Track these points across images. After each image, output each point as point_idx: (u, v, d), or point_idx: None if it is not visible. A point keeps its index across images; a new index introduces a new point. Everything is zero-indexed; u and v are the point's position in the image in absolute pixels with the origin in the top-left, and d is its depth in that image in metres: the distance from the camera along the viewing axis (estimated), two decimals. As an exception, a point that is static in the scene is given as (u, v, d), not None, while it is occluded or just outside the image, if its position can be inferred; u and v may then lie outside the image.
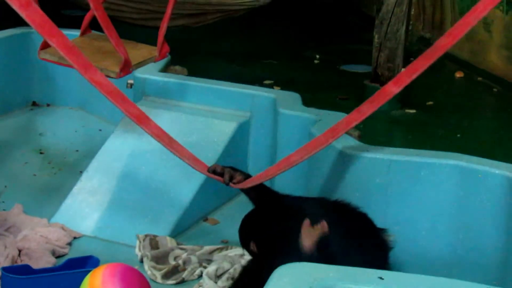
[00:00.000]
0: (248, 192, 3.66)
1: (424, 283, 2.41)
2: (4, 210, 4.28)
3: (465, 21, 3.15)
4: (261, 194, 3.63)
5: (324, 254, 3.12)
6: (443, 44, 3.27)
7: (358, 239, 3.40)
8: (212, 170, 3.63)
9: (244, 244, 3.47)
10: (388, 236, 3.50)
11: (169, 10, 4.17)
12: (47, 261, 3.76)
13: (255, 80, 5.69)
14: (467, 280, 2.48)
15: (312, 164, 4.11)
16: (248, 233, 3.47)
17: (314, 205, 3.53)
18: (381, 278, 2.43)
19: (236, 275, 3.66)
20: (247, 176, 3.62)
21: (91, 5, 3.79)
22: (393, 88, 3.47)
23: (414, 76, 3.40)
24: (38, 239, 3.93)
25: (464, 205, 3.63)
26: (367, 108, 3.51)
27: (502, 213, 3.54)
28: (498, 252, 3.54)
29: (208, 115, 4.66)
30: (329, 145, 3.89)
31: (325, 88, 6.28)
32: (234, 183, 3.58)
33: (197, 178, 4.26)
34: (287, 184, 3.84)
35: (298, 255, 3.12)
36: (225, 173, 3.57)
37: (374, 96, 3.54)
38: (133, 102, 3.72)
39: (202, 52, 7.26)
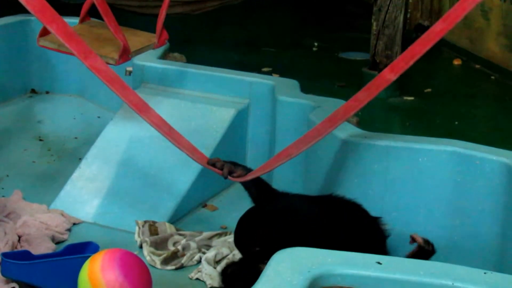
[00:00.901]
0: (248, 187, 3.66)
1: (421, 268, 2.42)
2: (3, 196, 4.29)
3: (461, 6, 3.12)
4: (260, 191, 3.63)
5: None
6: (439, 29, 3.23)
7: (355, 231, 3.41)
8: (212, 164, 3.61)
9: (243, 247, 3.44)
10: (384, 225, 3.51)
11: (168, -2, 4.17)
12: (47, 247, 3.77)
13: (253, 68, 5.71)
14: (464, 265, 2.49)
15: (310, 151, 4.11)
16: (249, 238, 3.45)
17: (309, 204, 3.52)
18: (379, 263, 2.44)
19: (236, 260, 3.68)
20: (248, 171, 3.60)
21: (90, -8, 3.79)
22: (389, 75, 3.44)
23: (410, 63, 3.36)
24: (37, 225, 3.94)
25: (461, 191, 3.65)
26: (364, 96, 3.48)
27: (499, 199, 3.55)
28: (495, 237, 3.56)
29: (207, 102, 4.66)
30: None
31: (323, 76, 6.29)
32: (233, 177, 3.57)
33: (196, 165, 4.25)
34: (285, 170, 3.85)
35: None
36: (225, 168, 3.56)
37: (370, 83, 3.51)
38: (133, 89, 3.70)
39: (200, 40, 7.26)
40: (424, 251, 3.45)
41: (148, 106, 3.62)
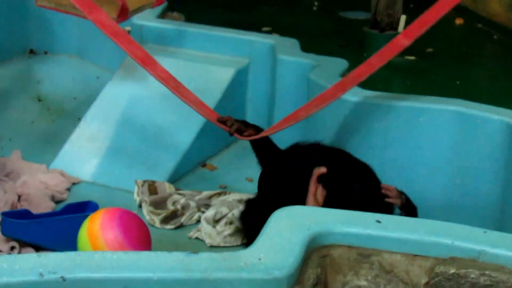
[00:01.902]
0: (256, 147, 3.63)
1: (421, 227, 2.42)
2: (3, 156, 4.28)
3: None
4: (267, 151, 3.61)
5: None
6: None
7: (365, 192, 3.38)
8: (222, 121, 3.56)
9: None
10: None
11: (166, -45, 4.13)
12: (47, 206, 3.78)
13: (253, 27, 5.65)
14: (464, 224, 2.49)
15: (310, 110, 4.10)
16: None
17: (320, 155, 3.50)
18: (378, 221, 2.44)
19: (235, 219, 3.69)
20: (260, 131, 3.55)
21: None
22: (403, 41, 3.45)
23: (425, 28, 3.38)
24: (37, 184, 3.93)
25: (462, 151, 3.64)
26: (377, 61, 3.47)
27: (500, 159, 3.54)
28: (495, 197, 3.56)
29: (206, 62, 4.64)
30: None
31: (323, 35, 6.25)
32: (242, 136, 3.53)
33: (196, 124, 4.26)
34: (285, 130, 3.82)
35: None
36: (234, 125, 3.51)
37: (384, 48, 3.51)
38: (138, 43, 3.66)
39: (199, -2, 7.20)
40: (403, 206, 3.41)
41: (154, 60, 3.58)
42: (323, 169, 3.14)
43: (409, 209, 3.35)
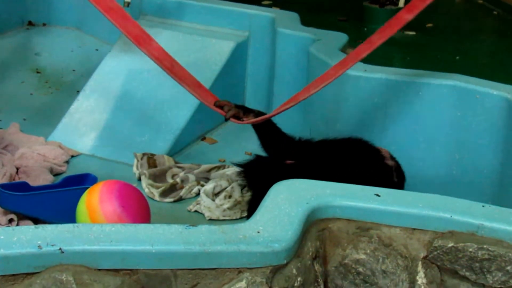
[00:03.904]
0: (259, 132, 3.58)
1: (420, 201, 2.42)
2: (1, 128, 4.27)
3: None
4: (271, 137, 3.57)
5: None
6: None
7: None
8: (220, 106, 3.46)
9: None
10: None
11: None
12: (45, 179, 3.77)
13: (253, 1, 5.64)
14: (463, 199, 2.49)
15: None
16: None
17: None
18: (377, 195, 2.44)
19: (234, 193, 3.69)
20: (260, 115, 3.47)
21: None
22: (406, 15, 3.42)
23: (428, 2, 3.35)
24: (35, 157, 3.93)
25: (461, 126, 3.64)
26: (377, 38, 3.44)
27: (499, 134, 3.54)
28: (494, 172, 3.56)
29: (206, 35, 4.62)
30: (327, 64, 3.87)
31: (324, 10, 6.22)
32: (243, 120, 3.45)
33: (195, 98, 4.24)
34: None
35: None
36: (231, 110, 3.41)
37: (385, 25, 3.47)
38: (134, 20, 3.60)
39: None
40: None
41: (149, 38, 3.48)
42: None
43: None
